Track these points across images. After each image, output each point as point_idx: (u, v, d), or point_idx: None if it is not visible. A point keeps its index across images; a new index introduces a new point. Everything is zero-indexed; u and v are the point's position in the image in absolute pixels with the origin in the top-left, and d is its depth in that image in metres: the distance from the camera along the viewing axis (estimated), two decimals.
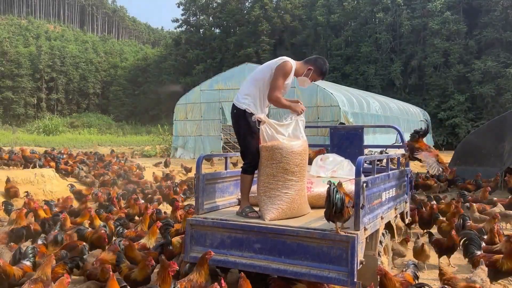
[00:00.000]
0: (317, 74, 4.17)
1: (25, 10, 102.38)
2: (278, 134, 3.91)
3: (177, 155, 20.36)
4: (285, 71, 4.00)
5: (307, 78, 4.17)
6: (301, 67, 4.16)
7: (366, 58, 40.01)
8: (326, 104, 17.53)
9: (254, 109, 4.02)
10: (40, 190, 9.04)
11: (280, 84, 3.99)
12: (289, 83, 4.09)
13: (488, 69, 31.38)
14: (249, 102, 4.03)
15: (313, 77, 4.18)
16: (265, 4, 49.20)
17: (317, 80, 4.27)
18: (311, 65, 4.13)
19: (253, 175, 4.16)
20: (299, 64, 4.17)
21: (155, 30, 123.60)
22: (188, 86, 36.98)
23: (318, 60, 4.21)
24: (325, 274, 3.32)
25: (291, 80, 4.10)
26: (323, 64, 4.20)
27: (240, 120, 4.07)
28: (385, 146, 11.07)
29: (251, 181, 4.18)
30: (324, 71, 4.20)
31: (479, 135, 12.77)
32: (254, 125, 4.00)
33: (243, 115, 4.03)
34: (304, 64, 4.16)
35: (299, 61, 4.21)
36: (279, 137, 3.90)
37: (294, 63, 4.11)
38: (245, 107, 4.02)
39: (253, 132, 4.01)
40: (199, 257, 3.79)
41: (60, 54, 60.50)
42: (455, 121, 31.25)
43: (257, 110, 4.03)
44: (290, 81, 4.09)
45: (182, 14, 57.16)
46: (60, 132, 37.10)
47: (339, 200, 3.25)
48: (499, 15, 33.34)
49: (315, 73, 4.15)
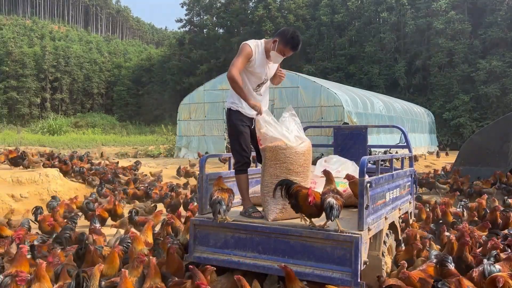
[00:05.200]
0: (283, 44, 3.88)
1: (29, 10, 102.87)
2: (281, 135, 3.90)
3: (180, 155, 20.38)
4: (242, 50, 3.90)
5: (275, 51, 3.93)
6: (268, 42, 4.02)
7: (370, 58, 39.91)
8: (330, 104, 17.49)
9: (239, 103, 4.00)
10: (45, 189, 9.07)
11: (238, 62, 3.85)
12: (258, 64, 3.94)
13: (493, 69, 31.21)
14: (232, 99, 4.04)
15: (279, 49, 3.90)
16: (269, 4, 49.15)
17: (287, 53, 3.97)
18: (276, 37, 3.91)
19: (246, 174, 4.13)
20: (266, 41, 4.04)
21: (159, 30, 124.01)
22: (192, 86, 37.02)
23: (284, 30, 3.98)
24: (328, 274, 3.32)
25: (260, 60, 3.95)
26: (287, 33, 3.90)
27: (227, 120, 4.14)
28: (389, 146, 11.12)
29: (247, 180, 4.16)
30: (288, 39, 3.86)
31: (483, 135, 12.68)
32: (237, 123, 4.00)
33: (228, 115, 4.10)
34: (271, 39, 4.00)
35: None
36: (282, 137, 3.89)
37: (261, 42, 4.02)
38: (229, 106, 4.07)
39: (236, 132, 4.02)
40: (203, 257, 3.80)
41: (64, 54, 60.71)
42: (460, 121, 31.10)
43: (241, 103, 3.98)
44: (262, 60, 3.96)
45: (186, 14, 57.26)
46: (64, 132, 37.26)
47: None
48: (504, 15, 33.18)
49: (281, 43, 3.88)
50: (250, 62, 3.94)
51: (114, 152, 22.51)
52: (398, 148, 13.00)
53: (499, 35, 32.96)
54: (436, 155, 22.18)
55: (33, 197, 8.84)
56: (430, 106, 33.27)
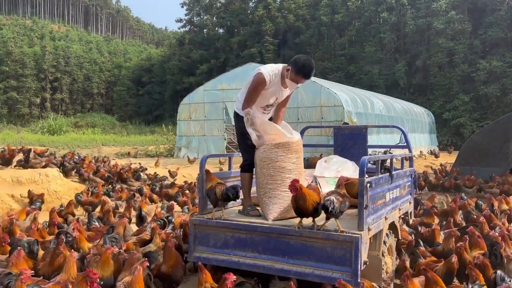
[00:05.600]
0: (295, 72, 3.94)
1: (29, 10, 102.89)
2: (270, 134, 3.93)
3: (180, 155, 20.39)
4: (255, 83, 4.00)
5: (288, 79, 4.01)
6: (284, 68, 4.05)
7: (370, 58, 39.88)
8: (330, 104, 17.49)
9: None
10: (45, 189, 9.04)
11: (252, 96, 4.03)
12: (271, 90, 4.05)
13: (493, 69, 31.19)
14: (239, 104, 4.23)
15: (291, 77, 3.97)
16: (269, 4, 49.16)
17: (299, 81, 4.04)
18: (289, 65, 3.98)
19: (251, 173, 4.22)
20: (283, 66, 4.08)
21: (159, 30, 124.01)
22: (192, 86, 37.01)
23: (296, 58, 4.01)
24: (328, 274, 3.32)
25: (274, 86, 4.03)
26: (299, 61, 3.95)
27: (235, 122, 4.38)
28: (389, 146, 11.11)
29: (250, 179, 4.25)
30: (300, 67, 3.92)
31: (483, 135, 12.70)
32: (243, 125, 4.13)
33: (235, 117, 4.32)
34: (287, 66, 4.04)
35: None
36: (272, 136, 3.93)
37: (278, 68, 4.04)
38: (236, 110, 4.30)
39: (241, 133, 4.20)
40: (203, 257, 3.79)
41: (64, 54, 60.72)
42: (460, 121, 31.08)
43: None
44: (272, 88, 4.04)
45: (186, 14, 57.31)
46: (64, 132, 37.24)
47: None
48: (505, 15, 33.14)
49: (293, 72, 3.95)
50: (263, 89, 4.05)
51: (114, 152, 22.51)
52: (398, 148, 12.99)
53: (499, 35, 32.94)
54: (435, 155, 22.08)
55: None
56: (430, 106, 33.26)
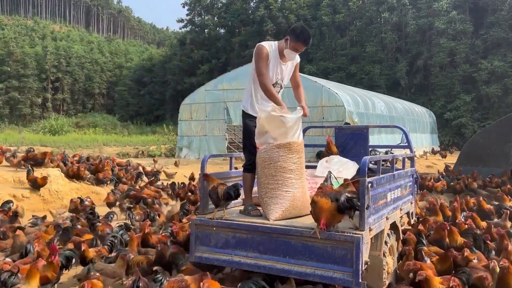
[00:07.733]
0: (294, 40, 4.01)
1: (31, 10, 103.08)
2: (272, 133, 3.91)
3: (182, 155, 20.38)
4: (258, 54, 4.04)
5: (288, 49, 4.05)
6: (280, 43, 4.14)
7: (371, 58, 39.86)
8: (331, 104, 17.48)
9: (250, 108, 4.20)
10: (46, 189, 9.07)
11: (261, 68, 4.00)
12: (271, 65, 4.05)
13: (495, 69, 31.14)
14: (245, 103, 4.24)
15: (291, 46, 4.03)
16: (270, 4, 49.15)
17: (299, 48, 4.08)
18: (287, 35, 4.05)
19: (253, 173, 4.20)
20: (279, 42, 4.17)
21: (160, 30, 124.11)
22: (193, 86, 37.02)
23: (293, 27, 4.14)
24: (330, 274, 3.32)
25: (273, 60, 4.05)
26: (296, 29, 4.07)
27: (242, 121, 4.32)
28: (391, 146, 11.10)
29: (252, 180, 4.23)
30: (299, 34, 4.01)
31: (485, 135, 12.68)
32: (249, 124, 4.14)
33: (242, 116, 4.29)
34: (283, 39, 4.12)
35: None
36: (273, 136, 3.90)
37: (274, 43, 4.15)
38: (242, 108, 4.28)
39: (247, 132, 4.19)
40: (204, 257, 3.79)
41: (65, 54, 60.83)
42: (461, 121, 31.03)
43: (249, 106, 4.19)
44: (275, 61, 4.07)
45: (187, 14, 57.33)
46: (65, 132, 37.23)
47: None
48: (506, 15, 33.08)
49: (292, 40, 4.01)
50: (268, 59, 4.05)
51: (115, 152, 22.50)
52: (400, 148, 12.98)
53: (500, 35, 32.88)
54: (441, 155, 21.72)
55: (34, 197, 8.84)
56: (432, 106, 33.23)
